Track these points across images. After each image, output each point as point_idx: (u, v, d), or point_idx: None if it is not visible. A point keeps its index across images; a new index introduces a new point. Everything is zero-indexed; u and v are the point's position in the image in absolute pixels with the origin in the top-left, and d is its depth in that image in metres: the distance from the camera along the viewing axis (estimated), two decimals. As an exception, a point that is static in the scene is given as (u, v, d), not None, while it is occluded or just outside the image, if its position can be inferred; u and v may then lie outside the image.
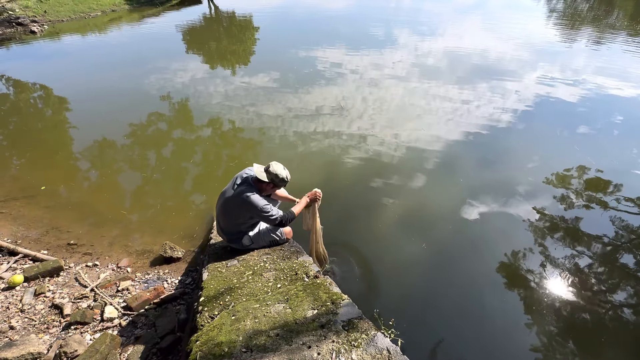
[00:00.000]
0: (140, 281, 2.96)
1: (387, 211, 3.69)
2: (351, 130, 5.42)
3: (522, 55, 9.24)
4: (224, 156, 4.99)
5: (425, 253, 3.19)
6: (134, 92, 7.09)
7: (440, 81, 7.41)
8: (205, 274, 2.32)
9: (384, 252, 3.19)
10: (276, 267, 2.29)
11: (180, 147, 5.17)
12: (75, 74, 8.08)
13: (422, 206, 3.78)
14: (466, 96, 6.65)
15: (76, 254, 3.30)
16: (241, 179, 2.33)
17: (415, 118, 5.84)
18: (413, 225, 3.51)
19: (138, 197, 4.09)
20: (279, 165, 2.31)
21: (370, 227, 3.45)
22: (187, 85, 7.41)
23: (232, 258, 2.48)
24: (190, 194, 4.18)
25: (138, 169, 4.65)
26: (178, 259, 3.21)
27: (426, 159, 4.68)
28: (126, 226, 3.63)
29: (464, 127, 5.48)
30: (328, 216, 2.87)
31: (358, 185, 4.14)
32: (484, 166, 4.59)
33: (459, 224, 3.53)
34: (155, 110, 6.24)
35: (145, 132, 5.62)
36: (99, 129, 5.55)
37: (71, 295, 2.79)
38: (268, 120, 5.79)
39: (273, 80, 7.54)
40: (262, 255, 2.48)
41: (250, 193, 2.28)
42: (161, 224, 3.68)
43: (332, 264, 2.88)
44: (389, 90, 6.94)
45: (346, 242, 3.24)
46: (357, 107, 6.23)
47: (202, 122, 5.86)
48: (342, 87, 7.11)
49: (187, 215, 3.80)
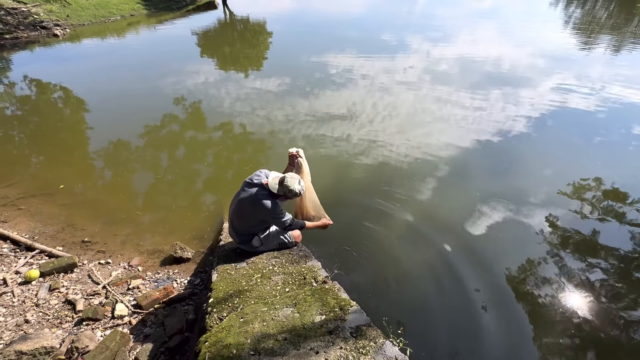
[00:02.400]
0: (151, 280, 3.01)
1: (397, 218, 3.67)
2: (361, 136, 5.43)
3: (538, 62, 9.11)
4: (234, 159, 5.05)
5: (436, 262, 3.14)
6: (149, 94, 7.26)
7: (452, 88, 7.36)
8: (215, 275, 2.34)
9: (394, 260, 3.17)
10: (285, 271, 2.30)
11: (192, 149, 5.26)
12: (94, 76, 8.34)
13: (433, 214, 3.74)
14: (479, 103, 6.58)
15: (90, 251, 3.38)
16: (254, 182, 2.36)
17: (426, 124, 5.80)
18: (424, 233, 3.48)
19: (151, 197, 4.18)
20: (294, 180, 2.30)
21: (380, 234, 3.44)
22: (200, 88, 7.56)
23: (241, 261, 2.50)
24: (201, 195, 4.24)
25: (151, 169, 4.74)
26: (188, 260, 3.25)
27: (437, 166, 4.64)
28: (138, 225, 3.70)
29: (476, 135, 5.43)
30: (337, 221, 2.87)
31: (368, 190, 4.12)
32: (497, 175, 4.53)
33: (471, 233, 3.48)
34: (169, 112, 6.38)
35: (159, 133, 5.74)
36: (115, 130, 5.70)
37: (84, 292, 2.85)
38: (278, 124, 5.85)
39: (284, 84, 7.62)
40: (270, 259, 2.50)
41: (265, 196, 2.32)
42: (172, 224, 3.74)
43: (339, 270, 2.88)
44: (400, 96, 6.93)
45: (355, 248, 3.23)
46: (367, 112, 6.24)
47: (214, 125, 5.95)
48: (353, 92, 7.13)
49: (198, 216, 3.85)
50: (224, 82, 7.99)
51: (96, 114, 6.45)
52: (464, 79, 7.95)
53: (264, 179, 2.41)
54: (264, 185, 2.34)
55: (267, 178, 2.44)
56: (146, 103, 6.82)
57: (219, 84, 7.81)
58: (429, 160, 4.79)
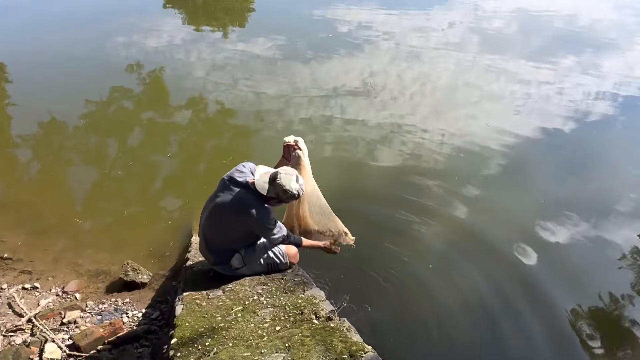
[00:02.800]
0: (92, 312, 3.02)
1: (427, 234, 3.66)
2: (381, 119, 5.40)
3: (627, 20, 9.03)
4: (208, 149, 5.06)
5: (479, 294, 3.14)
6: (93, 59, 7.28)
7: (509, 54, 7.31)
8: (179, 307, 2.35)
9: (422, 290, 3.16)
10: (275, 303, 2.30)
11: (150, 135, 5.28)
12: (17, 33, 8.35)
13: (476, 229, 3.73)
14: (545, 76, 6.52)
15: (10, 271, 3.40)
16: (236, 181, 2.36)
17: (470, 105, 5.75)
18: (463, 254, 3.46)
19: (94, 199, 4.19)
20: (290, 177, 2.27)
21: (403, 255, 3.43)
22: (163, 51, 7.58)
23: (216, 287, 2.50)
24: (162, 197, 4.25)
25: (95, 162, 4.75)
26: (143, 285, 3.26)
27: (486, 162, 4.61)
28: (77, 237, 3.71)
29: (540, 119, 5.38)
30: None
31: (389, 196, 4.11)
32: (569, 175, 4.50)
33: (529, 255, 3.46)
34: (120, 84, 6.40)
35: (106, 112, 5.76)
36: (46, 107, 5.69)
37: (2, 327, 2.88)
38: (268, 101, 5.84)
39: (277, 47, 7.62)
40: (256, 286, 2.50)
41: (251, 200, 2.33)
42: (123, 236, 3.74)
43: (350, 302, 2.88)
44: (435, 65, 6.88)
45: (370, 273, 3.23)
46: (390, 86, 6.20)
47: (180, 102, 5.97)
48: (371, 58, 7.11)
49: (158, 226, 3.85)
50: (195, 43, 8.01)
51: (20, 85, 6.48)
52: (525, 42, 7.89)
53: (249, 176, 2.40)
54: (249, 185, 2.34)
55: (253, 175, 2.43)
56: (88, 71, 6.83)
57: (188, 47, 7.83)
58: (475, 153, 4.75)
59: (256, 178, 2.35)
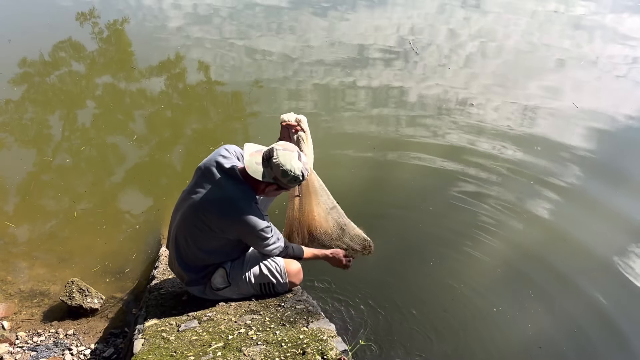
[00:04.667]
0: (25, 347, 3.06)
1: (481, 254, 3.64)
2: (424, 91, 5.37)
3: None
4: (187, 129, 5.10)
5: (548, 340, 3.13)
6: (30, 2, 7.39)
7: (604, 3, 7.21)
8: (140, 342, 2.36)
9: (467, 329, 3.14)
10: (268, 339, 2.31)
11: (108, 109, 5.31)
12: None
13: (547, 250, 3.69)
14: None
15: None
16: (221, 169, 2.37)
17: (551, 72, 5.69)
18: (528, 284, 3.42)
19: (32, 196, 4.25)
20: (291, 153, 2.28)
21: (446, 281, 3.42)
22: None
23: (190, 316, 2.53)
24: (123, 195, 4.31)
25: (34, 144, 4.82)
26: (93, 312, 3.28)
27: (565, 156, 4.58)
28: (6, 247, 3.76)
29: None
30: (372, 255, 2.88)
31: (428, 201, 4.11)
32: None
33: (618, 291, 3.41)
34: (67, 38, 6.47)
35: (49, 76, 5.84)
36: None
37: None
38: (269, 65, 5.86)
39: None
40: (243, 314, 2.50)
41: (241, 194, 2.35)
42: (68, 245, 3.78)
43: (369, 340, 2.90)
44: (501, 17, 6.85)
45: (399, 301, 3.21)
46: (437, 47, 6.19)
47: (150, 65, 6.03)
48: (412, 9, 7.10)
49: (116, 233, 3.90)
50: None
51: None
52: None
53: (236, 162, 2.43)
54: (237, 174, 2.35)
55: (240, 161, 2.46)
56: (24, 19, 6.91)
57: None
58: (550, 144, 4.72)
59: (246, 160, 2.34)
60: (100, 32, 6.84)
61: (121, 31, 6.83)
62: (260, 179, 2.31)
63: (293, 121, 2.68)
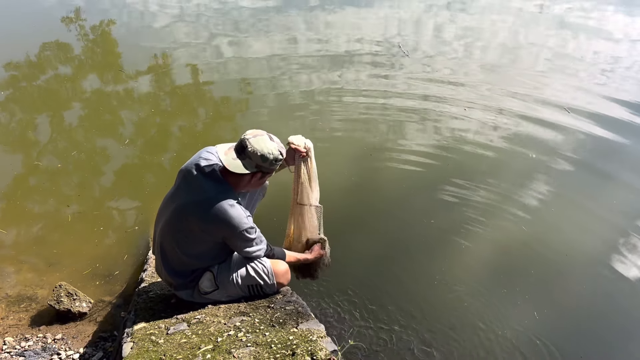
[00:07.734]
0: (12, 352, 3.03)
1: (469, 253, 3.66)
2: (412, 91, 5.39)
3: None
4: (175, 130, 5.09)
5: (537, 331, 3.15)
6: (16, 3, 7.34)
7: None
8: (128, 345, 2.36)
9: (457, 327, 3.13)
10: (257, 340, 2.31)
11: (97, 112, 5.29)
12: None
13: (535, 250, 3.70)
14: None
15: None
16: (203, 171, 2.37)
17: (537, 74, 5.72)
18: (516, 282, 3.43)
19: (20, 199, 4.23)
20: (261, 137, 2.32)
21: (435, 280, 3.43)
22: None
23: (179, 319, 2.53)
24: (112, 197, 4.29)
25: (20, 148, 4.80)
26: (81, 316, 3.27)
27: (553, 156, 4.61)
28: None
29: (634, 94, 5.35)
30: (360, 255, 2.89)
31: (417, 200, 4.13)
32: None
33: (607, 289, 3.42)
34: (54, 40, 6.44)
35: (35, 79, 5.79)
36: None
37: None
38: (257, 66, 5.86)
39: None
40: (233, 317, 2.51)
41: (228, 199, 2.35)
42: (56, 249, 3.77)
43: (359, 339, 2.91)
44: (486, 17, 6.90)
45: (388, 302, 3.22)
46: (425, 46, 6.22)
47: (137, 67, 6.02)
48: (400, 8, 7.14)
49: (106, 236, 3.89)
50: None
51: None
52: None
53: (216, 161, 2.43)
54: (218, 176, 2.36)
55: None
56: (10, 21, 6.90)
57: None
58: (538, 143, 4.75)
59: (223, 159, 2.34)
60: (87, 33, 6.80)
61: (107, 32, 6.81)
62: (243, 172, 2.30)
63: (302, 146, 2.70)
